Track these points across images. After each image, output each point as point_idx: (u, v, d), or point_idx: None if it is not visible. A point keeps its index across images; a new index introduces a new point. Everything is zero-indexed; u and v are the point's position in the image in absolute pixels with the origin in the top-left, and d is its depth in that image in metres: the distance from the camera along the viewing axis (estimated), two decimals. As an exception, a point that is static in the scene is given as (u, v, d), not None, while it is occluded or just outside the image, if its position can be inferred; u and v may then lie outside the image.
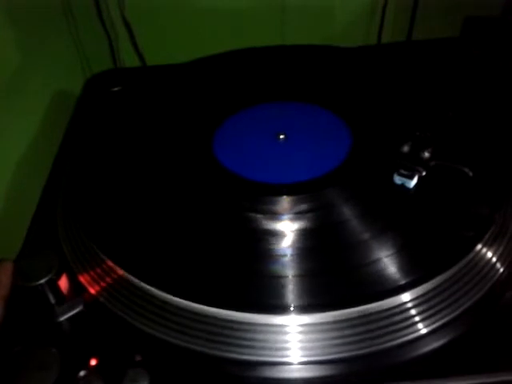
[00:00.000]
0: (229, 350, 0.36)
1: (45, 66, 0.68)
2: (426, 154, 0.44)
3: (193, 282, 0.38)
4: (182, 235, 0.42)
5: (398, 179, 0.44)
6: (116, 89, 0.65)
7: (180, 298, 0.37)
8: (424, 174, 0.44)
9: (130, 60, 0.78)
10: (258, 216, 0.42)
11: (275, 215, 0.42)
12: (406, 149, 0.45)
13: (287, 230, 0.41)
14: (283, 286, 0.37)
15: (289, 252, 0.40)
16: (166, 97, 0.60)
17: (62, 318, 0.39)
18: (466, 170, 0.43)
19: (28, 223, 0.47)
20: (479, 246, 0.40)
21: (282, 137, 0.51)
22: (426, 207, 0.42)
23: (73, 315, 0.39)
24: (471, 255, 0.39)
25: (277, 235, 0.41)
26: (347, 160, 0.47)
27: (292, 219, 0.42)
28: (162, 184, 0.47)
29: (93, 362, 0.36)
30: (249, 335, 0.36)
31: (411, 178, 0.43)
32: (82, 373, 0.35)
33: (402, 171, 0.43)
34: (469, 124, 0.51)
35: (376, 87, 0.58)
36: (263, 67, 0.63)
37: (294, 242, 0.40)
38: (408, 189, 0.43)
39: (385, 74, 0.60)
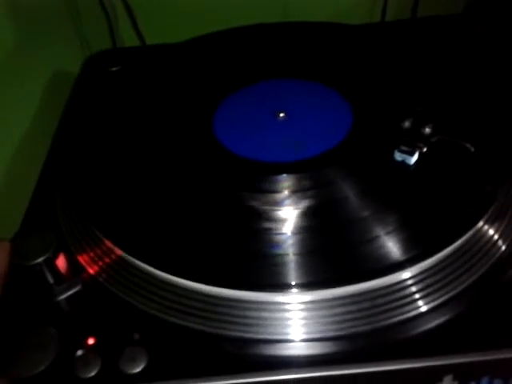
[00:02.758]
0: (229, 328, 0.36)
1: (43, 46, 0.67)
2: (428, 130, 0.43)
3: (192, 260, 0.38)
4: (181, 215, 0.42)
5: (398, 156, 0.43)
6: (114, 69, 0.64)
7: (179, 277, 0.37)
8: (425, 150, 0.43)
9: (129, 39, 0.77)
10: (258, 195, 0.42)
11: (275, 194, 0.42)
12: (406, 125, 0.44)
13: (287, 208, 0.41)
14: (284, 264, 0.37)
15: (289, 230, 0.39)
16: (165, 76, 0.59)
17: (61, 298, 0.39)
18: (468, 145, 0.42)
19: (26, 203, 0.47)
20: (481, 223, 0.39)
21: (281, 115, 0.50)
22: (426, 184, 0.42)
23: (71, 295, 0.39)
24: (472, 232, 0.39)
25: (277, 214, 0.40)
26: (348, 137, 0.46)
27: (292, 197, 0.41)
28: (160, 164, 0.47)
29: (91, 341, 0.36)
30: (250, 313, 0.36)
31: (412, 154, 0.42)
32: (79, 352, 0.35)
33: (403, 147, 0.43)
34: (471, 100, 0.50)
35: (379, 64, 0.57)
36: (264, 44, 0.62)
37: (294, 220, 0.40)
38: (409, 165, 0.43)
39: (388, 51, 0.59)
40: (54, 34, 0.71)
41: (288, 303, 0.36)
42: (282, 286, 0.36)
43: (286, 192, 0.42)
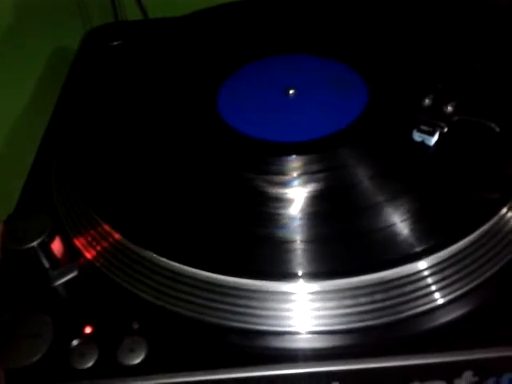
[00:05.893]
0: (232, 319, 0.34)
1: (44, 20, 0.66)
2: (449, 108, 0.42)
3: (194, 246, 0.37)
4: (183, 198, 0.40)
5: (417, 136, 0.41)
6: (116, 43, 0.62)
7: (180, 263, 0.36)
8: (446, 130, 0.41)
9: (132, 13, 0.75)
10: (265, 177, 0.40)
11: (283, 176, 0.40)
12: (426, 102, 0.42)
13: (296, 192, 0.39)
14: (291, 252, 0.35)
15: (297, 215, 0.38)
16: (168, 51, 0.57)
17: (56, 283, 0.37)
18: (493, 125, 0.41)
19: (22, 183, 0.46)
20: (504, 210, 0.37)
21: (291, 92, 0.48)
22: (447, 166, 0.40)
23: (67, 280, 0.38)
24: (495, 219, 0.37)
25: (285, 198, 0.39)
26: (362, 116, 0.44)
27: (301, 180, 0.40)
28: (162, 144, 0.45)
29: (87, 330, 0.34)
30: (254, 303, 0.34)
31: (432, 134, 0.41)
32: (75, 342, 0.34)
33: (422, 127, 0.41)
34: (495, 76, 0.47)
35: (394, 39, 0.54)
36: (272, 18, 0.60)
37: (303, 205, 0.38)
38: (428, 146, 0.41)
39: (403, 25, 0.57)
40: (56, 8, 0.70)
41: (295, 293, 0.34)
42: (288, 275, 0.34)
43: (294, 174, 0.40)
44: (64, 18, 0.72)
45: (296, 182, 0.40)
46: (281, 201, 0.39)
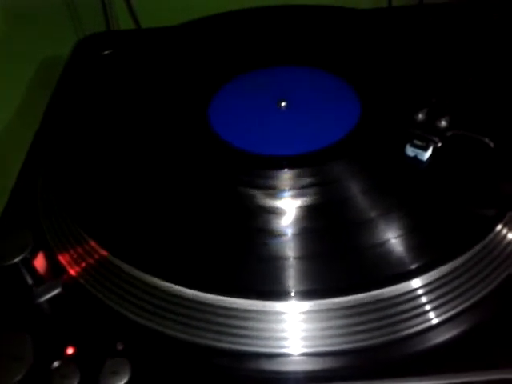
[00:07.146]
0: (220, 340, 0.33)
1: (35, 28, 0.66)
2: (443, 123, 0.41)
3: (181, 264, 0.36)
4: (170, 214, 0.39)
5: (410, 151, 0.41)
6: (107, 52, 0.62)
7: (167, 281, 0.35)
8: (440, 144, 0.40)
9: (124, 22, 0.75)
10: (256, 191, 0.39)
11: (274, 190, 0.39)
12: (420, 117, 0.42)
13: (288, 206, 0.38)
14: (282, 269, 0.35)
15: (289, 231, 0.37)
16: (159, 61, 0.56)
17: (39, 301, 0.36)
18: (487, 140, 0.40)
19: (6, 198, 0.44)
20: (500, 227, 0.37)
21: (283, 104, 0.47)
22: (441, 182, 0.39)
23: (50, 297, 0.37)
24: (491, 236, 0.36)
25: (276, 213, 0.38)
26: (355, 130, 0.43)
27: (293, 195, 0.39)
28: (151, 158, 0.44)
29: (69, 351, 0.33)
30: (243, 323, 0.34)
31: (425, 149, 0.40)
32: (56, 363, 0.32)
33: (416, 142, 0.40)
34: (490, 91, 0.47)
35: (387, 52, 0.54)
36: (265, 29, 0.59)
37: (294, 221, 0.38)
38: (422, 161, 0.40)
39: (397, 38, 0.57)
40: (47, 16, 0.69)
41: (286, 313, 0.34)
42: (279, 294, 0.34)
43: (286, 189, 0.39)
44: (55, 27, 0.71)
45: (288, 197, 0.39)
46: (273, 215, 0.38)
